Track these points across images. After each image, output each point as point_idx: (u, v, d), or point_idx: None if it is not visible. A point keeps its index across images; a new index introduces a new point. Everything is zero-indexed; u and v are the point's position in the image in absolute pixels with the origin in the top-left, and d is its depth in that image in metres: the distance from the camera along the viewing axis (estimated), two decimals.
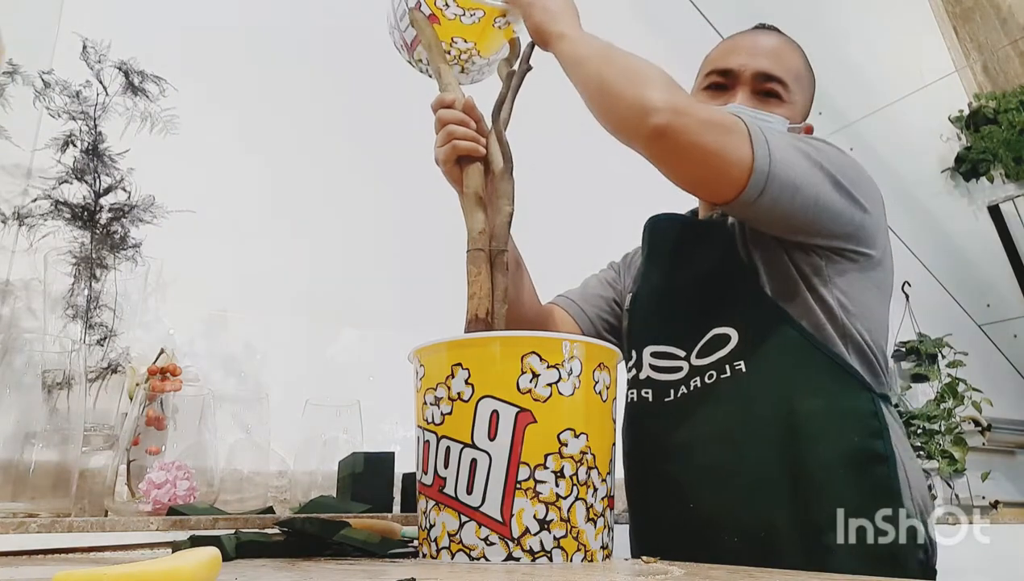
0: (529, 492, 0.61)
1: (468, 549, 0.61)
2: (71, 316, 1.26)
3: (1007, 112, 2.57)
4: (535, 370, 0.63)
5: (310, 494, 1.20)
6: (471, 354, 0.65)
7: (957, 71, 2.63)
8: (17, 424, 0.95)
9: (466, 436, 0.62)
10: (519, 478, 0.61)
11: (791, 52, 0.96)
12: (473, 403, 0.63)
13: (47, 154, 1.31)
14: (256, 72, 1.72)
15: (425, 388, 0.67)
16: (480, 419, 0.62)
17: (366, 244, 1.70)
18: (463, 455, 0.62)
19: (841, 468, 0.76)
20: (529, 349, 0.64)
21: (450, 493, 0.62)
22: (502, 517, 0.60)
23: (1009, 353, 2.95)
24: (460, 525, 0.61)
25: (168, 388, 1.13)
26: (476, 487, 0.61)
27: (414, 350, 0.70)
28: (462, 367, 0.64)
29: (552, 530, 0.61)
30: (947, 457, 2.35)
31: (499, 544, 0.60)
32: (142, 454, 1.09)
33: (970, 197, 2.77)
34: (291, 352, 1.57)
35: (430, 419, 0.66)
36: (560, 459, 0.62)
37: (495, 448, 0.61)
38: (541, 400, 0.63)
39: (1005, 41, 2.53)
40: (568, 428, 0.63)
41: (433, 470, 0.64)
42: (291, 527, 0.69)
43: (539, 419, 0.62)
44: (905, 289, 2.73)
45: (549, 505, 0.61)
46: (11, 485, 0.92)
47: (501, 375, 0.63)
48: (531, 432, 0.61)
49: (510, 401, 0.62)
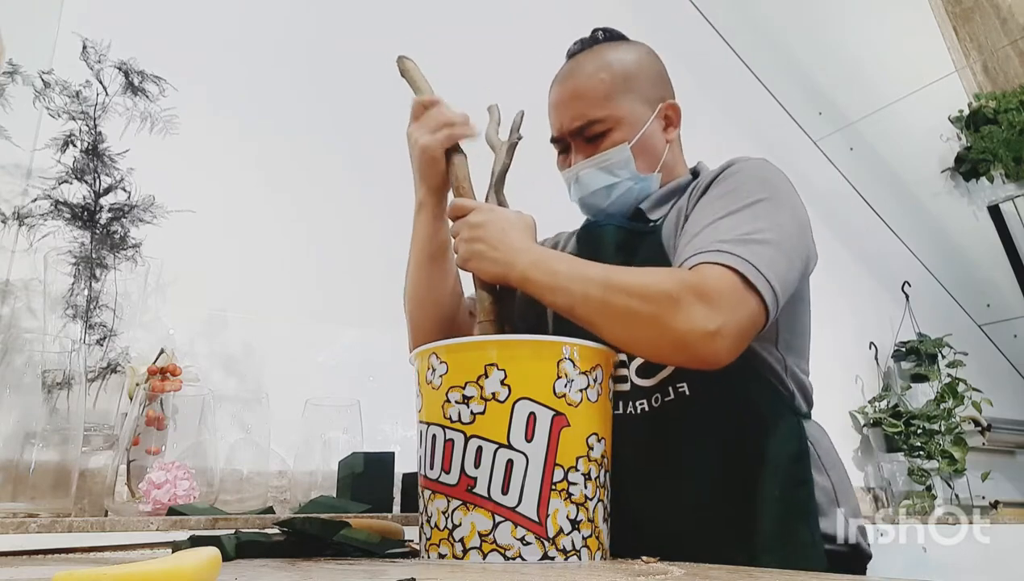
0: (563, 493, 0.63)
1: (503, 549, 0.61)
2: (71, 316, 1.26)
3: (1007, 112, 2.57)
4: (569, 375, 0.65)
5: (310, 494, 1.20)
6: (507, 355, 0.66)
7: (957, 71, 2.62)
8: (17, 424, 0.95)
9: (502, 437, 0.63)
10: (554, 480, 0.63)
11: (588, 78, 0.91)
12: (509, 404, 0.63)
13: (47, 154, 1.31)
14: (256, 72, 1.72)
15: (449, 386, 0.66)
16: (517, 420, 0.63)
17: (366, 244, 1.70)
18: (497, 455, 0.63)
19: (777, 490, 0.77)
20: (565, 355, 0.66)
21: (482, 493, 0.63)
22: (538, 517, 0.62)
23: (1009, 353, 2.95)
24: (494, 525, 0.62)
25: (168, 388, 1.13)
26: (512, 488, 0.62)
27: (432, 347, 0.69)
28: (497, 367, 0.65)
29: (581, 530, 0.63)
30: (947, 457, 2.35)
31: (535, 544, 0.61)
32: (142, 454, 1.09)
33: (970, 197, 2.77)
34: (291, 352, 1.57)
35: (455, 418, 0.65)
36: (588, 462, 0.65)
37: (532, 450, 0.63)
38: (574, 405, 0.65)
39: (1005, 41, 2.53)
40: (593, 432, 0.66)
41: (459, 469, 0.64)
42: (291, 527, 0.68)
43: (572, 423, 0.64)
44: (905, 289, 2.73)
45: (579, 506, 0.63)
46: (11, 485, 0.92)
47: (538, 378, 0.65)
48: (565, 435, 0.64)
49: (547, 404, 0.64)
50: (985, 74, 2.65)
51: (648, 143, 0.92)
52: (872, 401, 2.52)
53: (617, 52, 0.94)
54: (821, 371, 0.93)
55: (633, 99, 0.92)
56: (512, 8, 2.17)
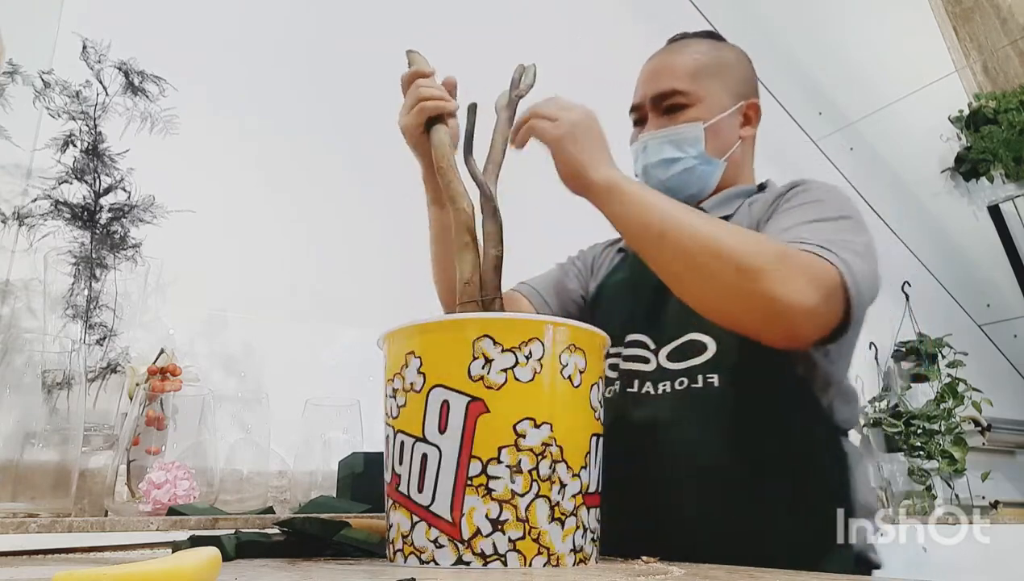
0: (481, 489, 0.55)
1: (418, 552, 0.56)
2: (71, 316, 1.26)
3: (1007, 112, 2.57)
4: (488, 355, 0.57)
5: (310, 494, 1.20)
6: (422, 341, 0.60)
7: (957, 71, 2.62)
8: (17, 424, 0.95)
9: (418, 429, 0.58)
10: (470, 474, 0.55)
11: (681, 55, 0.94)
12: (424, 393, 0.58)
13: (47, 154, 1.31)
14: (256, 72, 1.72)
15: (386, 380, 0.63)
16: (431, 411, 0.57)
17: (366, 243, 1.70)
18: (415, 450, 0.57)
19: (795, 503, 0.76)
20: (480, 332, 0.57)
21: (404, 491, 0.58)
22: (451, 517, 0.55)
23: (1009, 353, 2.95)
24: (412, 525, 0.57)
25: (168, 388, 1.13)
26: (427, 484, 0.56)
27: (379, 340, 0.66)
28: (414, 355, 0.60)
29: (507, 531, 0.54)
30: (947, 457, 2.35)
31: (448, 546, 0.55)
32: (142, 454, 1.08)
33: (970, 197, 2.77)
34: (291, 352, 1.57)
35: (389, 412, 0.62)
36: (517, 452, 0.55)
37: (445, 442, 0.56)
38: (495, 387, 0.56)
39: (1005, 41, 2.53)
40: (527, 418, 0.56)
41: (391, 466, 0.60)
42: (291, 527, 0.68)
43: (492, 408, 0.56)
44: (905, 289, 2.73)
45: (503, 503, 0.55)
46: (11, 485, 0.92)
47: (451, 362, 0.58)
48: (483, 423, 0.56)
49: (460, 390, 0.57)
50: (985, 74, 2.65)
51: (722, 130, 0.93)
52: (872, 401, 2.52)
53: (715, 45, 0.97)
54: None
55: (719, 86, 0.93)
56: (512, 8, 2.17)
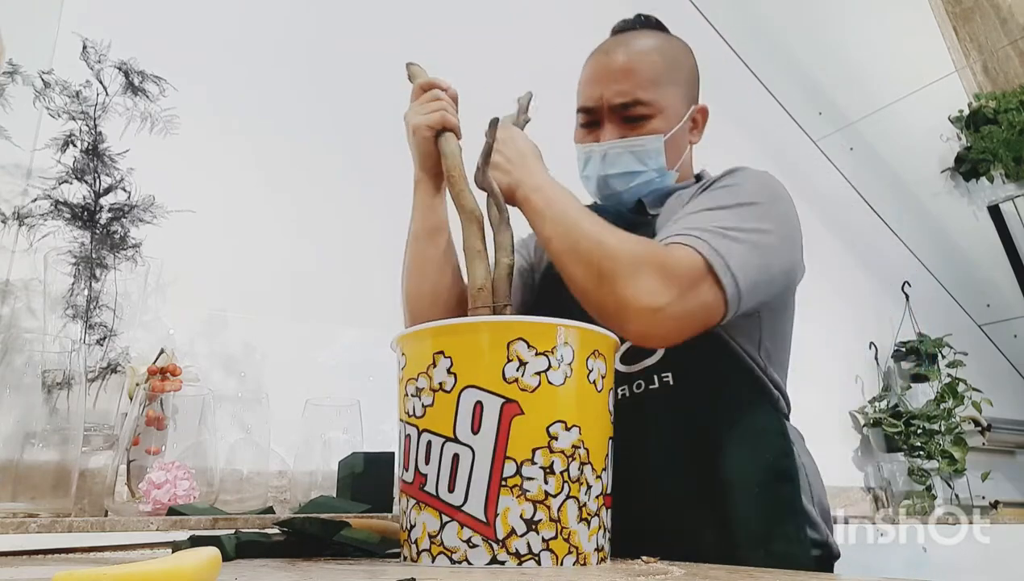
0: (515, 490, 0.56)
1: (450, 552, 0.56)
2: (71, 316, 1.26)
3: (1007, 112, 2.57)
4: (522, 358, 0.58)
5: (310, 494, 1.20)
6: (454, 342, 0.60)
7: (957, 71, 2.62)
8: (17, 424, 0.95)
9: (448, 429, 0.58)
10: (504, 474, 0.56)
11: (645, 56, 0.91)
12: (455, 394, 0.58)
13: (47, 154, 1.31)
14: (256, 72, 1.72)
15: (407, 379, 0.63)
16: (463, 411, 0.58)
17: (366, 243, 1.70)
18: (444, 450, 0.58)
19: (756, 487, 0.77)
20: (516, 335, 0.58)
21: (431, 491, 0.58)
22: (486, 517, 0.55)
23: (1009, 353, 2.95)
24: (441, 525, 0.57)
25: (168, 388, 1.13)
26: (458, 484, 0.57)
27: (396, 338, 0.66)
28: (444, 355, 0.60)
29: (540, 531, 0.56)
30: (947, 457, 2.35)
31: (482, 546, 0.55)
32: (142, 454, 1.08)
33: (970, 197, 2.77)
34: (291, 352, 1.57)
35: (411, 411, 0.62)
36: (550, 454, 0.57)
37: (479, 442, 0.57)
38: (529, 390, 0.57)
39: (1005, 41, 2.53)
40: (559, 420, 0.58)
41: (414, 466, 0.60)
42: (291, 527, 0.68)
43: (527, 410, 0.57)
44: (905, 289, 2.73)
45: (537, 504, 0.56)
46: (11, 485, 0.92)
47: (485, 363, 0.58)
48: (518, 425, 0.57)
49: (495, 391, 0.57)
50: (985, 74, 2.65)
51: (678, 141, 0.92)
52: (872, 401, 2.52)
53: (666, 41, 0.94)
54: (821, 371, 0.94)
55: (676, 93, 0.92)
56: (512, 8, 2.17)
